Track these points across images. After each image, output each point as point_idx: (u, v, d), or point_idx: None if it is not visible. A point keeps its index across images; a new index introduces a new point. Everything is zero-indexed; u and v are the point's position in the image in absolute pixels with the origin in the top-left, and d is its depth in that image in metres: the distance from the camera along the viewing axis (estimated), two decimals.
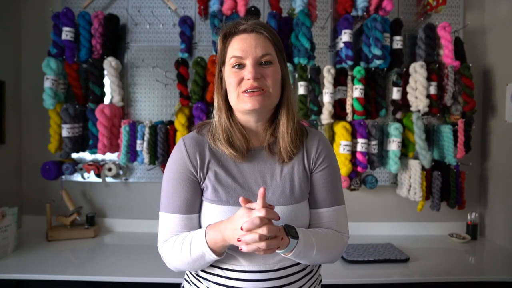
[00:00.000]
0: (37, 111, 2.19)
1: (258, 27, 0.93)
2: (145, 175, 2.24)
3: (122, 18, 2.18)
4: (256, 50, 0.91)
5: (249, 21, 0.94)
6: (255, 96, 0.90)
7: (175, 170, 0.97)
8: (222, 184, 0.95)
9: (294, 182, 0.97)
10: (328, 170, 1.01)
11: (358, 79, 2.03)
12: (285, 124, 0.97)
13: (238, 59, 0.92)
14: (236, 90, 0.92)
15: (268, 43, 0.94)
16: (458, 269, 1.77)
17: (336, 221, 1.01)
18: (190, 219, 0.97)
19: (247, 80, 0.90)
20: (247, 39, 0.92)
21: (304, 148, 1.01)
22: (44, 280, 1.63)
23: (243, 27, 0.93)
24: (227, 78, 0.94)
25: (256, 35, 0.93)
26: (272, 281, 0.93)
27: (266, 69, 0.92)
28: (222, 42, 0.96)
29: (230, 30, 0.95)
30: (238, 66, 0.92)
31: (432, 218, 2.25)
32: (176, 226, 0.97)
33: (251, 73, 0.89)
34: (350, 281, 1.66)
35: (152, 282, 1.63)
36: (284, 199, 0.95)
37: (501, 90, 2.12)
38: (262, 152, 0.99)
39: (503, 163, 2.12)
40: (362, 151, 2.01)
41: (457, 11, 2.24)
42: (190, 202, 0.96)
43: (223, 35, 0.95)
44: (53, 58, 2.01)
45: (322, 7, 2.19)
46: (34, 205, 2.24)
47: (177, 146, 1.00)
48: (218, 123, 0.97)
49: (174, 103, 2.22)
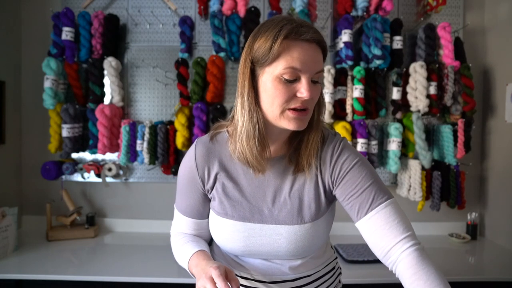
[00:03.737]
0: (37, 111, 2.19)
1: (321, 38, 0.81)
2: (145, 175, 2.24)
3: (122, 18, 2.18)
4: (316, 65, 0.79)
5: (304, 25, 0.79)
6: (301, 117, 0.81)
7: (184, 176, 0.96)
8: (229, 197, 0.91)
9: (304, 201, 0.89)
10: (352, 174, 0.87)
11: (358, 79, 2.03)
12: (314, 138, 0.88)
13: (295, 71, 0.78)
14: (282, 106, 0.80)
15: (322, 57, 0.83)
16: (458, 269, 1.77)
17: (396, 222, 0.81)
18: (198, 224, 0.99)
19: (299, 98, 0.79)
20: (309, 50, 0.79)
21: (319, 162, 0.90)
22: (44, 280, 1.63)
23: (305, 35, 0.78)
24: (271, 88, 0.80)
25: (316, 47, 0.80)
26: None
27: (315, 88, 0.82)
28: (278, 43, 0.77)
29: (292, 33, 0.78)
30: (292, 79, 0.79)
31: (432, 218, 2.25)
32: (185, 226, 1.00)
33: (308, 91, 0.78)
34: (350, 281, 1.65)
35: (152, 282, 1.63)
36: (290, 218, 0.89)
37: (501, 90, 2.11)
38: (280, 162, 0.91)
39: (503, 163, 2.12)
40: (362, 151, 2.01)
41: (457, 11, 2.24)
42: (197, 209, 0.97)
43: (284, 36, 0.77)
44: (53, 58, 2.01)
45: (322, 7, 2.19)
46: (34, 205, 2.24)
47: (190, 151, 0.95)
48: (251, 132, 0.83)
49: (174, 103, 2.22)
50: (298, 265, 0.93)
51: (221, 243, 0.95)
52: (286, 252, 0.90)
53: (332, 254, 1.04)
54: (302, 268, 0.94)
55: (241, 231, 0.90)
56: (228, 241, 0.92)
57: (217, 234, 0.94)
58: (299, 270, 0.93)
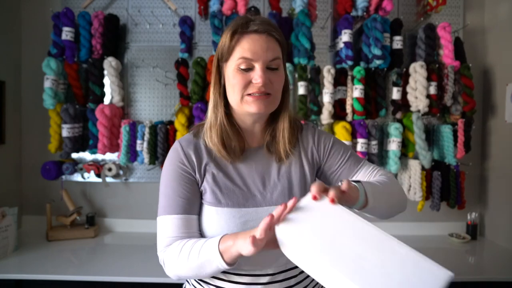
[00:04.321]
0: (37, 111, 2.19)
1: (270, 28, 0.89)
2: (145, 175, 2.24)
3: (122, 18, 2.18)
4: (267, 53, 0.88)
5: (256, 20, 0.90)
6: (260, 100, 0.89)
7: (173, 171, 0.95)
8: (220, 186, 0.94)
9: (293, 181, 0.98)
10: (333, 150, 1.03)
11: (358, 79, 2.03)
12: (284, 126, 0.97)
13: (247, 61, 0.88)
14: (241, 92, 0.89)
15: (278, 46, 0.91)
16: (458, 269, 1.76)
17: (373, 172, 1.02)
18: (190, 220, 0.94)
19: (254, 84, 0.88)
20: (259, 40, 0.88)
21: (300, 145, 1.02)
22: (44, 280, 1.63)
23: (255, 27, 0.88)
24: (231, 78, 0.90)
25: (267, 37, 0.89)
26: (273, 284, 0.94)
27: (274, 74, 0.90)
28: (230, 39, 0.89)
29: (241, 27, 0.89)
30: (246, 68, 0.88)
31: (432, 218, 2.25)
32: (177, 227, 0.92)
33: (261, 77, 0.87)
34: None
35: (152, 282, 1.63)
36: (283, 198, 0.95)
37: (501, 90, 2.11)
38: (259, 152, 0.99)
39: (503, 163, 2.12)
40: (362, 151, 2.01)
41: (457, 11, 2.24)
42: (190, 201, 0.94)
43: (234, 31, 0.89)
44: (53, 58, 2.01)
45: (322, 7, 2.19)
46: (34, 205, 2.24)
47: (173, 148, 0.98)
48: (214, 121, 0.95)
49: (174, 103, 2.22)
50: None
51: (215, 235, 0.93)
52: None
53: None
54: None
55: (237, 217, 0.91)
56: (224, 230, 0.91)
57: (213, 226, 0.93)
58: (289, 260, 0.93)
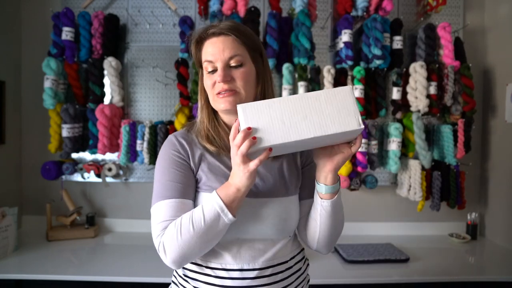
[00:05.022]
0: (37, 111, 2.19)
1: (225, 29, 0.94)
2: (145, 175, 2.24)
3: (122, 18, 2.18)
4: (224, 53, 0.93)
5: (219, 24, 0.95)
6: (226, 97, 0.93)
7: (168, 158, 0.97)
8: (216, 173, 0.96)
9: (285, 177, 1.00)
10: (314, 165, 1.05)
11: (358, 79, 2.03)
12: None
13: (210, 63, 0.94)
14: (212, 92, 0.95)
15: (237, 44, 0.94)
16: (458, 269, 1.77)
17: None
18: (186, 204, 0.94)
19: (218, 83, 0.93)
20: (216, 42, 0.94)
21: None
22: (44, 280, 1.63)
23: (212, 30, 0.94)
24: (204, 81, 0.98)
25: (224, 37, 0.94)
26: (260, 279, 0.94)
27: (236, 71, 0.94)
28: (195, 47, 0.98)
29: (201, 34, 0.96)
30: (212, 70, 0.95)
31: (432, 218, 2.25)
32: (174, 210, 0.92)
33: (220, 76, 0.92)
34: (350, 281, 1.66)
35: (152, 282, 1.63)
36: (276, 191, 0.98)
37: (501, 90, 2.12)
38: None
39: (503, 163, 2.12)
40: (362, 151, 2.01)
41: (457, 11, 2.24)
42: (186, 185, 0.95)
43: (196, 40, 0.97)
44: (53, 58, 2.01)
45: (322, 7, 2.19)
46: (34, 205, 2.24)
47: (167, 140, 1.01)
48: (201, 123, 1.01)
49: (174, 103, 2.22)
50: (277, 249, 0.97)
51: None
52: (272, 225, 0.95)
53: (300, 245, 1.11)
54: (280, 253, 0.98)
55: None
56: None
57: None
58: (277, 255, 0.97)
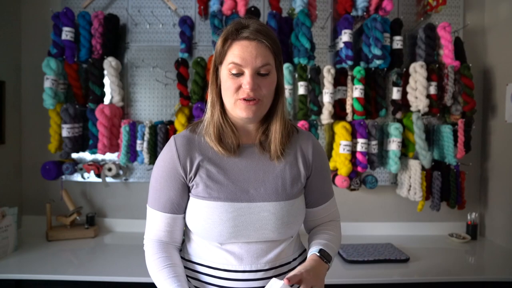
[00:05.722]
0: (37, 111, 2.19)
1: (261, 35, 0.91)
2: (145, 175, 2.24)
3: (122, 18, 2.18)
4: (256, 60, 0.90)
5: (250, 26, 0.92)
6: (250, 106, 0.91)
7: (164, 169, 0.99)
8: (215, 181, 0.96)
9: (286, 180, 0.99)
10: (322, 174, 1.07)
11: (358, 79, 2.03)
12: (277, 128, 0.98)
13: (237, 66, 0.90)
14: (233, 96, 0.92)
15: (269, 52, 0.93)
16: (458, 269, 1.77)
17: (331, 212, 1.11)
18: (175, 219, 1.00)
19: (244, 89, 0.90)
20: (248, 47, 0.90)
21: (299, 150, 1.03)
22: (44, 280, 1.63)
23: (245, 34, 0.91)
24: (224, 82, 0.93)
25: (257, 43, 0.91)
26: (262, 281, 0.95)
27: (263, 80, 0.92)
28: (222, 44, 0.93)
29: (232, 34, 0.92)
30: (237, 73, 0.91)
31: (432, 218, 2.25)
32: (161, 224, 1.00)
33: (249, 84, 0.89)
34: (350, 281, 1.66)
35: (152, 282, 1.62)
36: (276, 195, 0.97)
37: (501, 90, 2.11)
38: (252, 149, 1.01)
39: (503, 163, 2.12)
40: (362, 151, 2.01)
41: (457, 11, 2.24)
42: (176, 203, 0.98)
43: (225, 37, 0.93)
44: (53, 58, 2.01)
45: (322, 7, 2.19)
46: (34, 205, 2.24)
47: (168, 144, 1.01)
48: (210, 119, 0.98)
49: (174, 103, 2.22)
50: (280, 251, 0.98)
51: (207, 229, 0.95)
52: (274, 228, 0.95)
53: (302, 245, 1.13)
54: (283, 254, 0.99)
55: (230, 211, 0.93)
56: (215, 224, 0.93)
57: (203, 220, 0.94)
58: (280, 256, 0.98)
